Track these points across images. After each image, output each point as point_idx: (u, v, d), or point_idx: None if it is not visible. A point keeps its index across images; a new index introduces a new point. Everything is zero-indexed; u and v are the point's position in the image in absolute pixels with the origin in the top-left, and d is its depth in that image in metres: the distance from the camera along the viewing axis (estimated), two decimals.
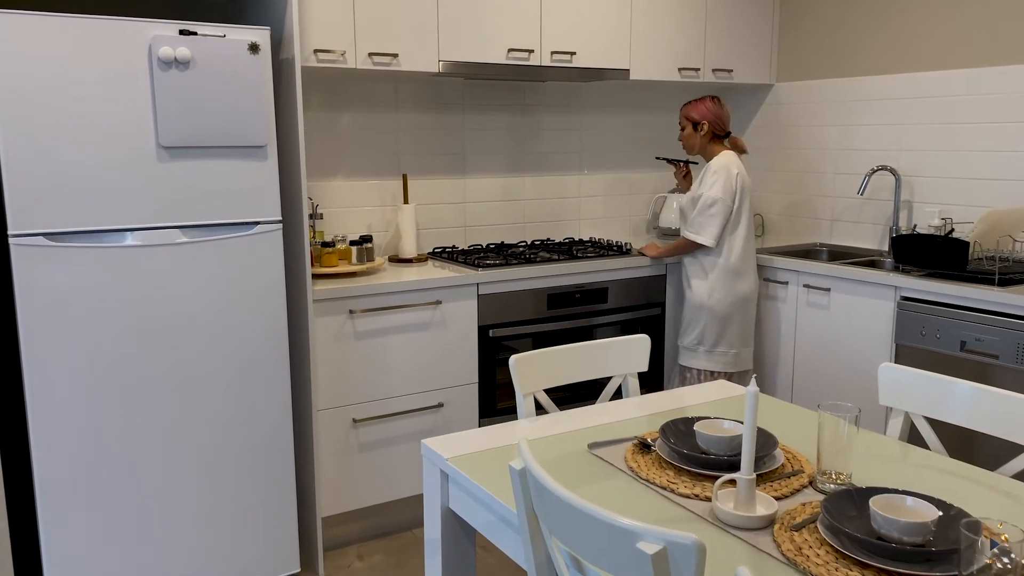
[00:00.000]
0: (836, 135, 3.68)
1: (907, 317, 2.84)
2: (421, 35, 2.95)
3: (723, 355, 3.18)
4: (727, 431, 1.63)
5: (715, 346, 3.17)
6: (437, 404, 2.94)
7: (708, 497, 1.47)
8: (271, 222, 2.39)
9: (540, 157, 3.71)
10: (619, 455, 1.67)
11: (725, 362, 3.18)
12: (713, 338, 3.16)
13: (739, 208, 3.11)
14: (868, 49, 3.52)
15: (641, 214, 4.04)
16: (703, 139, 3.16)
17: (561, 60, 3.27)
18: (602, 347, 2.09)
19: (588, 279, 3.21)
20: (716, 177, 3.07)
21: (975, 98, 3.15)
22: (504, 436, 1.78)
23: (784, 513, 1.40)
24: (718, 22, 3.66)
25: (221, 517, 2.43)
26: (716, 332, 3.16)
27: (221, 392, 2.38)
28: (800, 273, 3.24)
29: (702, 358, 3.19)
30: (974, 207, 3.18)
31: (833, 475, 1.50)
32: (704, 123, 3.14)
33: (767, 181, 4.02)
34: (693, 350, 3.21)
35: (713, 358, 3.18)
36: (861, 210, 3.60)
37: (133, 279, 2.21)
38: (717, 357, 3.18)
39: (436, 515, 1.72)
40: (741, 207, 3.11)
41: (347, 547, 2.89)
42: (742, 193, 3.10)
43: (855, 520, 1.31)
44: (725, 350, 3.18)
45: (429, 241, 3.47)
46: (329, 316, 2.69)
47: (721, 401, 2.01)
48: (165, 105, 2.18)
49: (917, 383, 1.81)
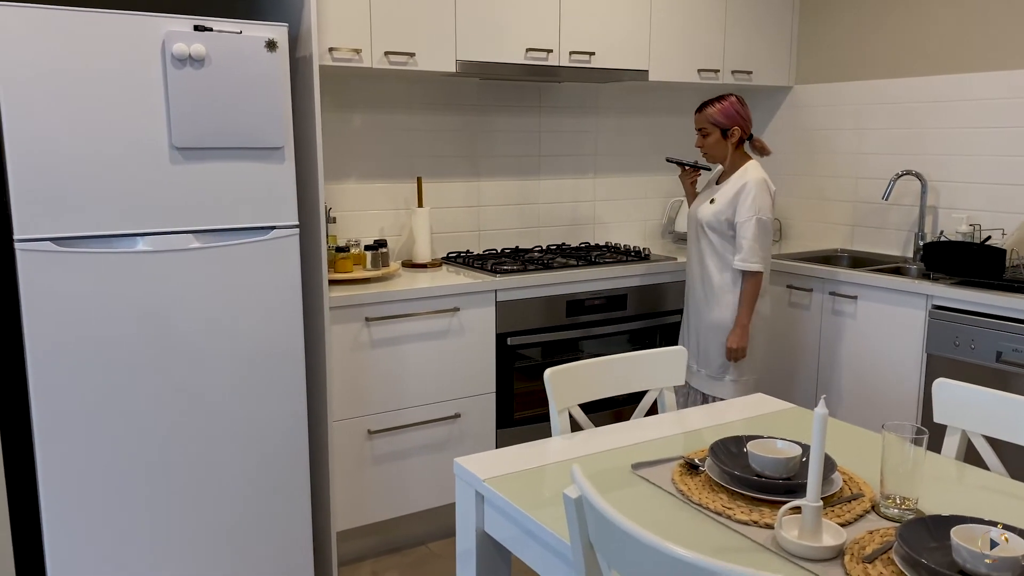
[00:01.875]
0: (856, 139, 3.60)
1: (939, 327, 2.76)
2: (438, 34, 2.86)
3: (747, 383, 2.83)
4: (782, 452, 1.54)
5: (743, 374, 2.82)
6: (454, 415, 2.85)
7: (767, 524, 1.38)
8: (288, 227, 2.30)
9: (555, 160, 3.62)
10: (665, 476, 1.58)
11: (747, 391, 2.84)
12: (741, 364, 2.81)
13: None
14: (888, 52, 3.45)
15: (656, 218, 3.96)
16: (732, 146, 2.78)
17: (580, 60, 3.18)
18: (638, 359, 2.00)
19: (607, 285, 3.12)
20: (755, 196, 2.70)
21: (1002, 102, 3.08)
22: (539, 454, 1.69)
23: (852, 542, 1.31)
24: (738, 23, 3.58)
25: (234, 530, 2.33)
26: (748, 358, 2.82)
27: (235, 402, 2.28)
28: (826, 280, 3.15)
29: (729, 387, 2.82)
30: (1003, 213, 3.10)
31: (898, 500, 1.41)
32: (735, 129, 2.76)
33: (785, 185, 3.94)
34: (719, 379, 2.84)
35: (739, 387, 2.82)
36: (884, 215, 3.52)
37: (144, 286, 2.11)
38: (742, 385, 2.82)
39: (471, 535, 1.63)
40: None
41: (361, 562, 2.79)
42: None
43: (935, 552, 1.23)
44: (748, 377, 2.84)
45: (442, 245, 3.38)
46: (345, 324, 2.60)
47: (764, 417, 1.92)
48: (179, 104, 2.09)
49: (978, 400, 1.72)
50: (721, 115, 2.78)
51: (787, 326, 3.33)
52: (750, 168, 2.78)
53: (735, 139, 2.79)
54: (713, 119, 2.79)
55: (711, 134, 2.81)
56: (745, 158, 2.83)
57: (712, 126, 2.80)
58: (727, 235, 2.78)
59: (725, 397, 2.84)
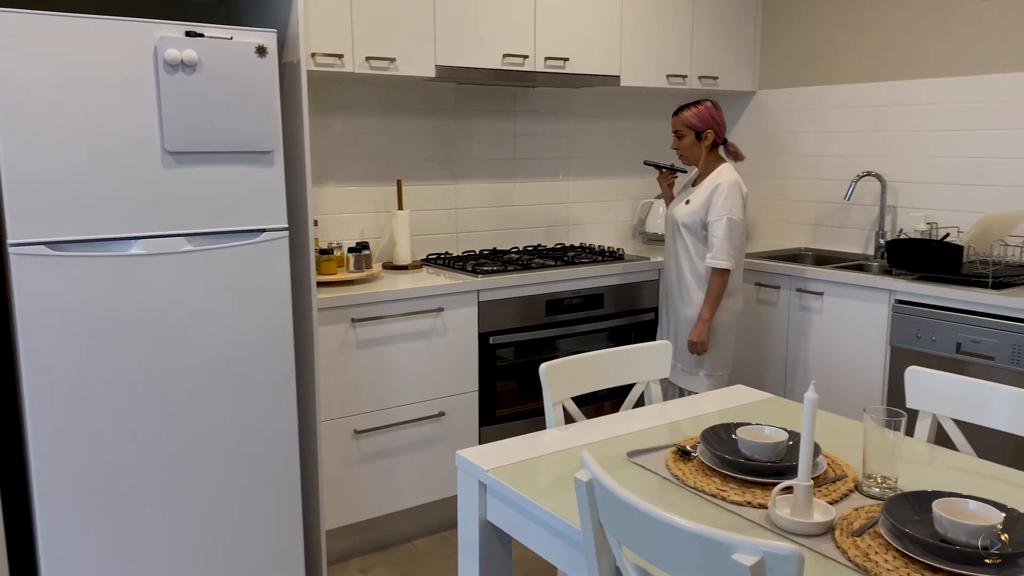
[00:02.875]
0: (818, 141, 3.74)
1: (902, 320, 2.90)
2: (418, 40, 2.92)
3: (720, 377, 2.96)
4: (769, 437, 1.63)
5: (715, 369, 2.94)
6: (438, 413, 2.90)
7: (760, 504, 1.46)
8: (278, 229, 2.33)
9: (530, 163, 3.69)
10: (659, 462, 1.66)
11: (721, 386, 2.96)
12: (714, 361, 2.93)
13: None
14: (848, 57, 3.59)
15: (627, 219, 4.05)
16: (706, 149, 2.90)
17: (554, 66, 3.26)
18: (627, 354, 2.08)
19: (585, 285, 3.20)
20: (726, 196, 2.80)
21: (953, 106, 3.23)
22: (537, 445, 1.76)
23: (840, 518, 1.40)
24: (704, 30, 3.70)
25: (226, 530, 2.36)
26: (718, 354, 2.93)
27: (227, 403, 2.31)
28: (793, 278, 3.28)
29: (703, 382, 2.93)
30: (958, 212, 3.26)
31: (879, 479, 1.51)
32: (708, 132, 2.88)
33: (750, 186, 4.07)
34: (693, 373, 2.94)
35: (713, 381, 2.95)
36: (846, 215, 3.66)
37: (137, 288, 2.13)
38: (715, 380, 2.95)
39: (473, 525, 1.69)
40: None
41: (348, 560, 2.83)
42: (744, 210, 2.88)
43: (918, 524, 1.32)
44: (722, 372, 2.96)
45: (421, 247, 3.43)
46: (332, 325, 2.63)
47: (746, 406, 2.02)
48: (171, 109, 2.11)
49: (947, 386, 1.83)
50: (696, 119, 2.89)
51: (756, 322, 3.45)
52: (724, 171, 2.88)
53: (708, 142, 2.90)
54: (688, 122, 2.90)
55: (686, 136, 2.92)
56: (719, 161, 2.94)
57: (687, 129, 2.91)
58: (700, 235, 2.88)
59: (699, 391, 2.94)
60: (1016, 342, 2.59)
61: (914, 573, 1.22)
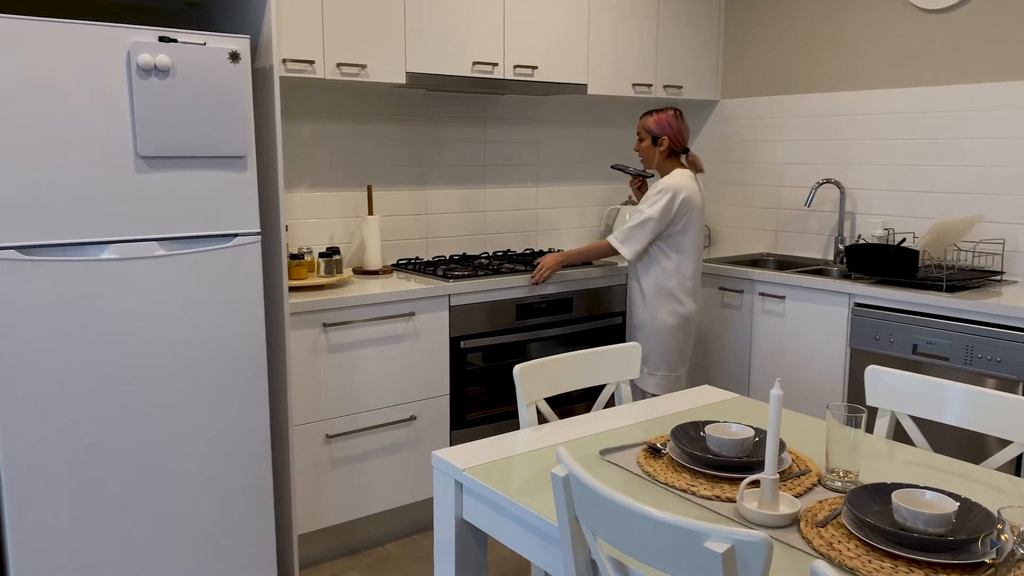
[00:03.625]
0: (779, 149, 3.84)
1: (861, 323, 2.99)
2: (389, 46, 2.95)
3: (665, 378, 3.04)
4: (736, 434, 1.68)
5: (657, 369, 3.04)
6: (410, 417, 2.92)
7: (728, 498, 1.52)
8: (250, 234, 2.34)
9: (499, 169, 3.74)
10: (631, 460, 1.71)
11: (667, 386, 3.05)
12: (655, 360, 3.03)
13: (684, 229, 2.97)
14: (809, 68, 3.70)
15: (594, 225, 4.12)
16: (661, 154, 3.02)
17: (523, 74, 3.31)
18: (598, 355, 2.12)
19: (554, 289, 3.25)
20: (660, 197, 2.93)
21: (912, 116, 3.35)
22: (511, 445, 1.80)
23: (805, 510, 1.46)
24: (669, 41, 3.78)
25: (198, 535, 2.35)
26: (658, 354, 3.03)
27: (199, 408, 2.31)
28: (756, 282, 3.36)
29: (650, 381, 3.04)
30: (914, 218, 3.37)
31: (841, 473, 1.57)
32: (664, 138, 3.00)
33: (713, 194, 4.16)
34: (644, 374, 3.06)
35: (657, 380, 3.05)
36: (806, 221, 3.76)
37: (109, 293, 2.13)
38: (660, 379, 3.04)
39: (449, 525, 1.72)
40: (687, 229, 2.98)
41: (320, 564, 2.83)
42: (689, 215, 2.96)
43: (878, 514, 1.38)
44: (667, 373, 3.04)
45: (391, 253, 3.45)
46: (303, 330, 2.65)
47: (713, 405, 2.07)
48: (144, 114, 2.12)
49: (905, 384, 1.91)
50: (655, 124, 3.04)
51: (720, 325, 3.52)
52: (675, 174, 3.00)
53: (664, 148, 3.03)
54: (647, 127, 3.06)
55: (644, 140, 3.07)
56: (675, 166, 3.04)
57: (646, 132, 3.07)
58: None
59: (647, 389, 3.07)
60: (969, 343, 2.69)
61: (875, 560, 1.28)
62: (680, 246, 2.99)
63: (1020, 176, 3.05)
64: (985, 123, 3.14)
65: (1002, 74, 3.08)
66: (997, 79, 3.10)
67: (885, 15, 3.41)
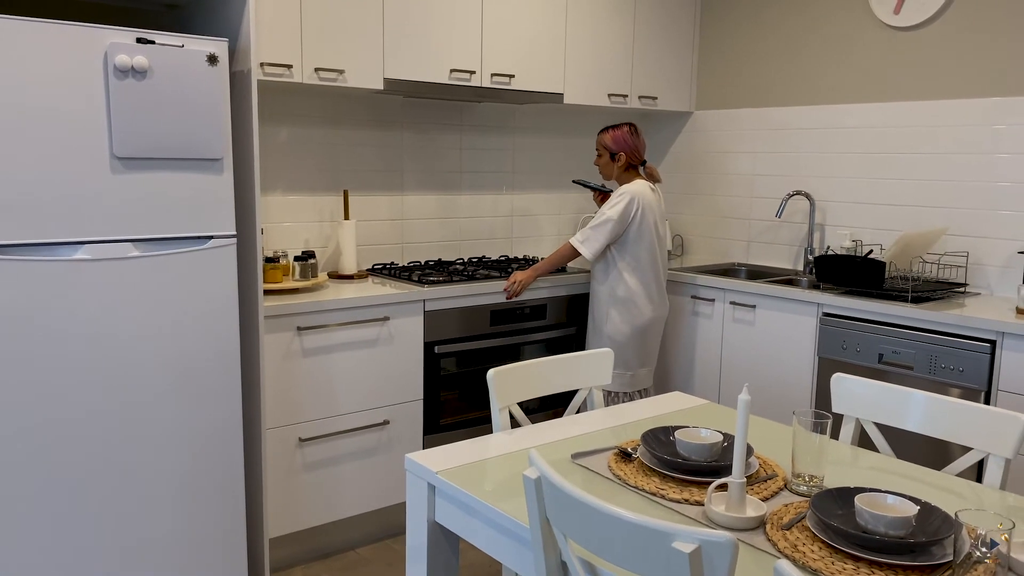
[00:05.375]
0: (751, 161, 3.90)
1: (829, 332, 3.05)
2: (367, 52, 2.96)
3: (620, 376, 3.18)
4: (705, 439, 1.72)
5: (614, 366, 3.15)
6: (383, 421, 2.93)
7: (697, 501, 1.55)
8: (225, 236, 2.34)
9: (475, 176, 3.76)
10: (602, 464, 1.73)
11: (621, 383, 3.19)
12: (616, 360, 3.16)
13: (639, 236, 3.10)
14: (781, 82, 3.77)
15: (569, 233, 4.15)
16: (619, 168, 3.17)
17: (500, 82, 3.34)
18: (571, 361, 2.15)
19: (528, 296, 3.28)
20: (619, 200, 3.08)
21: (881, 130, 3.42)
22: (484, 449, 1.81)
23: (771, 514, 1.49)
24: (644, 53, 3.83)
25: (169, 538, 2.34)
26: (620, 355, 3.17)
27: (171, 410, 2.30)
28: (727, 291, 3.41)
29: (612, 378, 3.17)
30: (881, 230, 3.44)
31: (807, 477, 1.61)
32: (621, 154, 3.14)
33: (686, 203, 4.22)
34: None
35: (622, 380, 3.19)
36: (776, 232, 3.82)
37: (83, 294, 2.12)
38: (614, 378, 3.17)
39: (422, 528, 1.73)
40: (641, 236, 3.10)
41: (292, 568, 2.83)
42: (641, 222, 3.08)
43: (841, 517, 1.42)
44: (621, 371, 3.18)
45: (367, 257, 3.46)
46: (277, 333, 2.65)
47: (683, 411, 2.11)
48: (120, 114, 2.11)
49: (869, 392, 1.95)
50: (611, 141, 3.18)
51: (692, 333, 3.57)
52: (632, 184, 3.14)
53: (621, 163, 3.18)
54: (604, 143, 3.21)
55: (602, 156, 3.23)
56: (634, 178, 3.19)
57: (604, 149, 3.21)
58: None
59: (612, 388, 3.20)
60: (933, 353, 2.75)
61: (837, 562, 1.32)
62: (636, 254, 3.13)
63: (984, 191, 3.14)
64: (951, 138, 3.22)
65: (968, 91, 3.17)
66: (963, 95, 3.18)
67: (856, 31, 3.49)
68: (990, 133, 3.11)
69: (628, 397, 3.24)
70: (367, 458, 2.92)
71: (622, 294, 3.14)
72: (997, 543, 1.20)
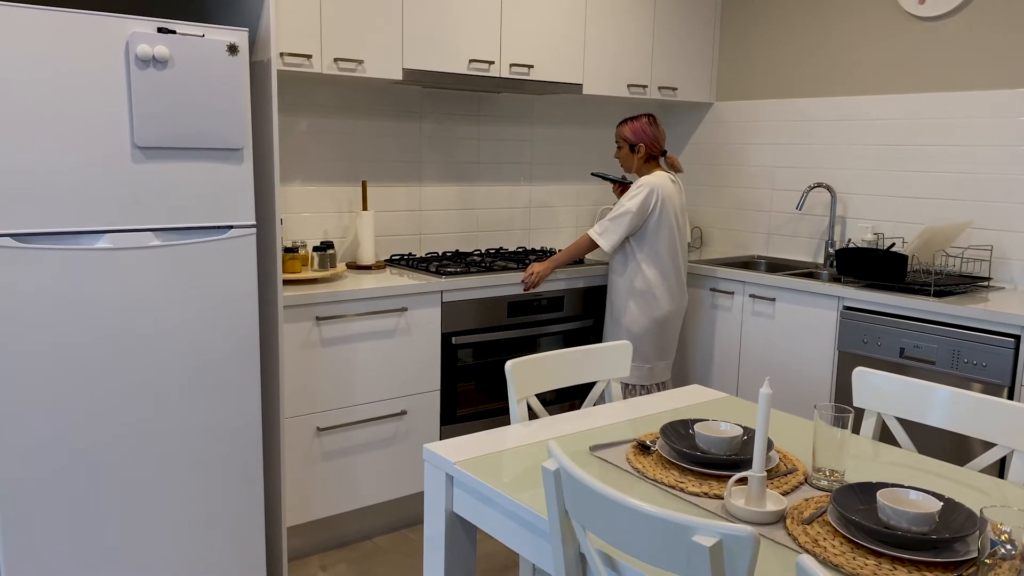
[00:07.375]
0: (771, 153, 3.87)
1: (849, 326, 3.02)
2: (386, 42, 2.96)
3: (638, 368, 3.16)
4: (725, 432, 1.70)
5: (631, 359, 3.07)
6: (400, 412, 2.94)
7: (716, 495, 1.54)
8: (246, 226, 2.35)
9: (493, 167, 3.75)
10: (621, 456, 1.72)
11: (640, 376, 3.18)
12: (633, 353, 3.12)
13: (657, 228, 3.08)
14: (802, 72, 3.73)
15: (586, 225, 4.13)
16: (639, 160, 3.16)
17: (519, 73, 3.33)
18: (589, 353, 2.14)
19: (546, 288, 3.27)
20: (639, 191, 3.05)
21: (904, 122, 3.38)
22: (502, 440, 1.81)
23: (791, 508, 1.48)
24: (665, 42, 3.80)
25: (187, 526, 2.36)
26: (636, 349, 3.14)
27: (191, 399, 2.31)
28: (746, 284, 3.39)
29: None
30: (903, 223, 3.40)
31: (828, 472, 1.60)
32: (640, 145, 3.13)
33: (706, 195, 4.19)
34: None
35: (640, 373, 3.18)
36: (797, 224, 3.79)
37: (104, 282, 2.13)
38: (632, 370, 3.15)
39: (439, 518, 1.73)
40: (660, 228, 3.08)
41: (309, 557, 2.84)
42: (661, 214, 3.06)
43: (863, 512, 1.41)
44: (639, 364, 3.16)
45: (384, 248, 3.46)
46: (296, 323, 2.65)
47: (702, 404, 2.10)
48: (141, 104, 2.12)
49: (891, 387, 1.93)
50: (630, 133, 3.16)
51: (711, 326, 3.55)
52: (652, 175, 3.11)
53: (641, 155, 3.16)
54: (623, 135, 3.18)
55: (622, 148, 3.20)
56: (654, 169, 3.17)
57: (623, 141, 3.18)
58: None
59: (629, 381, 3.19)
60: (955, 347, 2.72)
61: (859, 557, 1.30)
62: (655, 246, 3.11)
63: (1009, 184, 3.09)
64: (975, 131, 3.17)
65: (993, 82, 3.12)
66: (988, 87, 3.13)
67: (879, 21, 3.44)
68: (1015, 125, 3.06)
69: (646, 390, 3.22)
70: (384, 448, 2.92)
71: (640, 286, 3.12)
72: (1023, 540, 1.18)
